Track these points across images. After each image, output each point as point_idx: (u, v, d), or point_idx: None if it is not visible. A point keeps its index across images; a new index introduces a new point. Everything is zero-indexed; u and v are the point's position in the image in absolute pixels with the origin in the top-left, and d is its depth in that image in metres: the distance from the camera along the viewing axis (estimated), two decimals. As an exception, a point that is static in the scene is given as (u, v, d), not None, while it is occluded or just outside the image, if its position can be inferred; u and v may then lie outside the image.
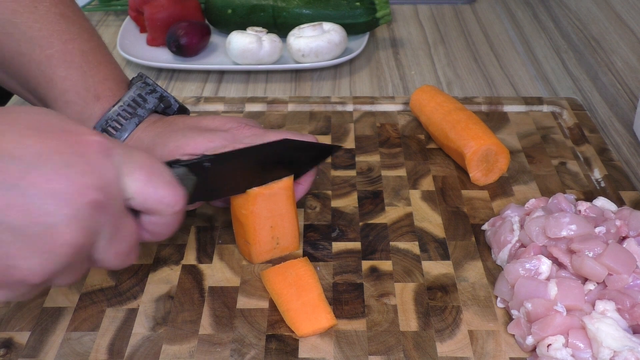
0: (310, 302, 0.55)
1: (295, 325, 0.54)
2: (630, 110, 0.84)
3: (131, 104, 0.62)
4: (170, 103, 0.64)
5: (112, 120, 0.61)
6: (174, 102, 0.65)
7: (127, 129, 0.61)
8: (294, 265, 0.58)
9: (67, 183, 0.42)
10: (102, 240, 0.45)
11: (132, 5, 1.02)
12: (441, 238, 0.63)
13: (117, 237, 0.46)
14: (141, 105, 0.62)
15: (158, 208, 0.47)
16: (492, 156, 0.69)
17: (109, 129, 0.61)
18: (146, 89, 0.63)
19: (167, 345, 0.53)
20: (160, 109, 0.63)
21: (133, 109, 0.61)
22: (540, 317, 0.51)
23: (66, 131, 0.44)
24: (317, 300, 0.55)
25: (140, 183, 0.46)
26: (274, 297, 0.56)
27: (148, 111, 0.62)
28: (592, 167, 0.72)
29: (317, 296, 0.55)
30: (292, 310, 0.55)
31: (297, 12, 0.98)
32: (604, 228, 0.56)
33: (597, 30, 1.03)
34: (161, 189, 0.47)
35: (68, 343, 0.53)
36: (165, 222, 0.49)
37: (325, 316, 0.54)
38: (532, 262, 0.54)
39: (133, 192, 0.46)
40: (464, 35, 1.06)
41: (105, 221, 0.44)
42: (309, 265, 0.58)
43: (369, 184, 0.70)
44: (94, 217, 0.43)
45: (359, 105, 0.83)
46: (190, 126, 0.61)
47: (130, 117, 0.61)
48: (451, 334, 0.54)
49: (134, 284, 0.58)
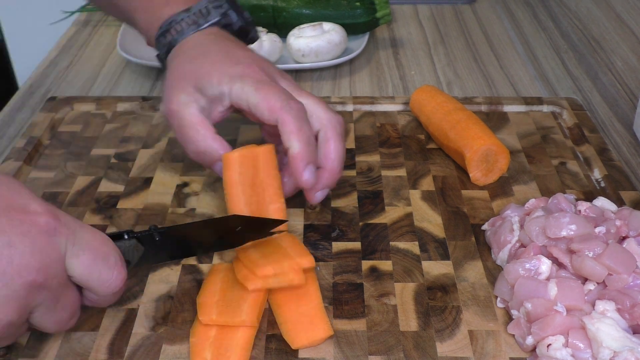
0: (307, 313, 0.54)
1: (290, 337, 0.53)
2: (630, 110, 0.84)
3: (196, 13, 0.67)
4: (231, 21, 0.69)
5: (176, 23, 0.67)
6: (236, 21, 0.69)
7: (184, 33, 0.67)
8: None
9: (6, 263, 0.43)
10: (41, 310, 0.46)
11: (132, 5, 1.01)
12: (441, 238, 0.63)
13: (57, 307, 0.47)
14: (205, 16, 0.67)
15: (99, 290, 0.49)
16: (492, 156, 0.69)
17: (171, 30, 0.67)
18: (214, 2, 0.68)
19: (167, 345, 0.53)
20: (221, 24, 0.68)
21: (197, 18, 0.67)
22: (540, 317, 0.51)
23: (14, 208, 0.45)
24: (315, 310, 0.54)
25: (83, 267, 0.47)
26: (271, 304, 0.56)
27: (208, 22, 0.67)
28: (592, 167, 0.72)
29: (316, 305, 0.55)
30: (289, 322, 0.54)
31: (297, 12, 0.98)
32: (604, 228, 0.56)
33: (597, 30, 1.03)
34: (104, 273, 0.48)
35: (68, 343, 0.53)
36: (104, 298, 0.50)
37: (323, 327, 0.53)
38: (532, 262, 0.54)
39: (76, 273, 0.47)
40: (464, 35, 1.06)
41: (44, 297, 0.45)
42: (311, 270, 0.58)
43: (369, 184, 0.70)
44: (32, 296, 0.44)
45: (359, 105, 0.83)
46: (224, 56, 0.64)
47: (191, 24, 0.67)
48: (451, 334, 0.54)
49: (134, 284, 0.58)
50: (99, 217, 0.66)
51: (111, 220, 0.65)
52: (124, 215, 0.66)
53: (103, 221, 0.65)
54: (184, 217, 0.65)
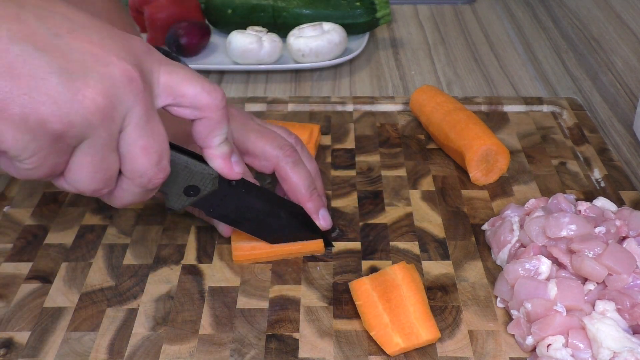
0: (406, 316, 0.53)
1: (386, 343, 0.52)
2: (630, 110, 0.84)
3: None
4: None
5: None
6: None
7: None
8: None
9: (109, 50, 0.43)
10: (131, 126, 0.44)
11: (132, 5, 1.02)
12: (441, 238, 0.63)
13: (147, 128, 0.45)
14: None
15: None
16: (492, 156, 0.69)
17: None
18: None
19: (167, 345, 0.53)
20: None
21: None
22: (540, 317, 0.51)
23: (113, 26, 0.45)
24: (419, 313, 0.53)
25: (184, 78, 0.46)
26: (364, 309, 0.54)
27: None
28: (592, 167, 0.72)
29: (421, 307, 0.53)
30: (384, 326, 0.52)
31: (297, 12, 0.98)
32: (604, 228, 0.56)
33: (597, 30, 1.03)
34: (207, 83, 0.47)
35: (68, 343, 0.53)
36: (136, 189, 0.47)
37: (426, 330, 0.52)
38: (532, 262, 0.54)
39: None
40: (464, 35, 1.06)
41: (136, 103, 0.43)
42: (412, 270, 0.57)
43: (369, 184, 0.70)
44: (124, 92, 0.43)
45: (359, 105, 0.83)
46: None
47: None
48: (451, 334, 0.54)
49: (134, 284, 0.58)
50: (99, 217, 0.66)
51: (111, 220, 0.65)
52: (124, 216, 0.66)
53: (103, 221, 0.65)
54: (183, 218, 0.65)
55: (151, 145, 0.45)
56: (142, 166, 0.45)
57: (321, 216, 0.62)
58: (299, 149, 0.64)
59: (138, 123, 0.44)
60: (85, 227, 0.65)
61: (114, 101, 0.42)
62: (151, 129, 0.45)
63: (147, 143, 0.45)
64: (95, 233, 0.64)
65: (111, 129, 0.43)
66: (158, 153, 0.46)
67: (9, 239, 0.63)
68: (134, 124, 0.44)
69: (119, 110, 0.43)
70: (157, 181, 0.47)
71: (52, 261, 0.61)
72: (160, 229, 0.64)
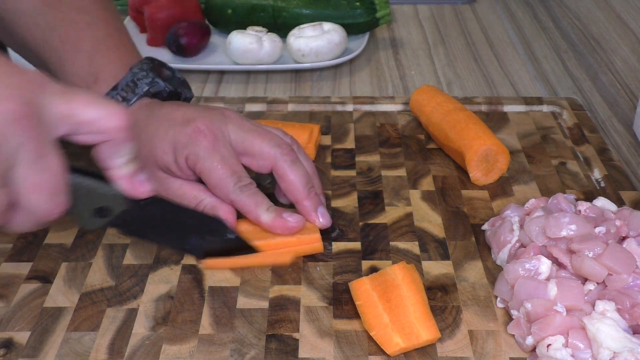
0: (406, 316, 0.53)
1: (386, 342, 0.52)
2: (630, 110, 0.84)
3: (124, 88, 0.65)
4: (160, 89, 0.66)
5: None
6: (163, 88, 0.66)
7: None
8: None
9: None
10: (21, 164, 0.43)
11: (132, 5, 1.02)
12: (441, 238, 0.63)
13: (39, 165, 0.44)
14: (133, 90, 0.65)
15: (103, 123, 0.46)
16: (492, 156, 0.69)
17: None
18: (139, 74, 0.65)
19: (167, 345, 0.53)
20: (149, 94, 0.65)
21: (125, 93, 0.65)
22: (540, 317, 0.51)
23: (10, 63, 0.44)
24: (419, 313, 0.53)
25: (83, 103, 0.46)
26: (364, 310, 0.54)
27: (137, 96, 0.65)
28: (592, 167, 0.72)
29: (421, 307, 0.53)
30: (384, 326, 0.52)
31: (297, 12, 0.98)
32: (604, 228, 0.56)
33: (597, 30, 1.03)
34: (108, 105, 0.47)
35: (68, 343, 0.53)
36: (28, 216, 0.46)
37: (426, 330, 0.52)
38: (532, 262, 0.54)
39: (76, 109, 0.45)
40: (464, 35, 1.06)
41: (25, 140, 0.42)
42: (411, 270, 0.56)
43: (369, 184, 0.70)
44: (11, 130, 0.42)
45: (359, 105, 0.83)
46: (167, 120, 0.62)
47: (121, 101, 0.64)
48: (451, 334, 0.54)
49: (134, 284, 0.58)
50: (99, 217, 0.66)
51: (111, 220, 0.65)
52: (124, 215, 0.66)
53: (103, 221, 0.65)
54: (184, 217, 0.65)
55: (43, 181, 0.44)
56: (35, 203, 0.45)
57: (320, 214, 0.62)
58: (295, 148, 0.64)
59: (28, 160, 0.43)
60: (85, 227, 0.65)
61: (1, 140, 0.41)
62: (43, 166, 0.44)
63: (39, 180, 0.44)
64: (95, 233, 0.64)
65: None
66: (51, 189, 0.45)
67: (9, 239, 0.63)
68: (25, 161, 0.43)
69: (6, 148, 0.42)
70: (53, 215, 0.46)
71: (52, 261, 0.61)
72: (160, 229, 0.64)
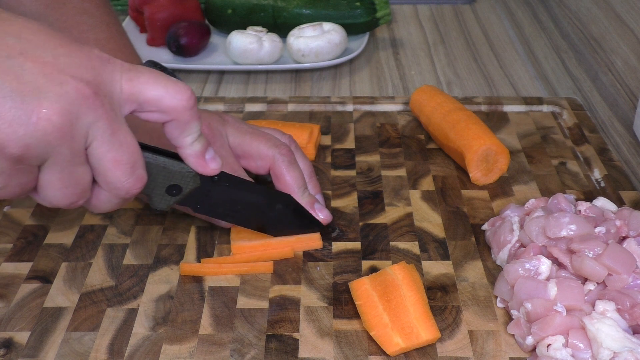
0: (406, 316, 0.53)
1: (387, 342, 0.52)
2: (630, 110, 0.84)
3: None
4: None
5: None
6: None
7: None
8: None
9: (63, 69, 0.42)
10: (98, 140, 0.44)
11: (132, 5, 1.02)
12: (441, 238, 0.63)
13: (115, 140, 0.44)
14: None
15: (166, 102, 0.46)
16: (492, 156, 0.69)
17: None
18: None
19: (167, 345, 0.53)
20: None
21: None
22: (540, 317, 0.51)
23: (71, 39, 0.44)
24: (419, 313, 0.53)
25: (147, 82, 0.46)
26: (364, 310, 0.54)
27: None
28: (592, 167, 0.72)
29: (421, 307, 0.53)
30: (384, 326, 0.52)
31: (297, 12, 0.98)
32: (604, 228, 0.56)
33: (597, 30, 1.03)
34: (172, 84, 0.47)
35: (68, 343, 0.53)
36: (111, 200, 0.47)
37: (426, 330, 0.52)
38: (531, 262, 0.54)
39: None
40: (464, 35, 1.06)
41: (97, 118, 0.43)
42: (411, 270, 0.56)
43: (369, 184, 0.70)
44: (82, 109, 0.42)
45: (359, 105, 0.83)
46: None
47: None
48: (451, 334, 0.54)
49: (134, 284, 0.58)
50: (99, 217, 0.66)
51: (111, 220, 0.65)
52: (124, 216, 0.66)
53: (103, 221, 0.65)
54: (183, 218, 0.65)
55: (121, 156, 0.45)
56: (116, 178, 0.45)
57: (317, 209, 0.62)
58: (293, 148, 0.64)
59: (103, 137, 0.44)
60: (85, 227, 0.65)
61: (72, 119, 0.42)
62: (118, 141, 0.45)
63: (117, 155, 0.45)
64: (95, 233, 0.64)
65: (73, 146, 0.43)
66: (130, 163, 0.45)
67: (9, 239, 0.63)
68: (100, 138, 0.44)
69: (79, 127, 0.43)
70: (134, 190, 0.47)
71: (52, 261, 0.61)
72: (160, 229, 0.64)
